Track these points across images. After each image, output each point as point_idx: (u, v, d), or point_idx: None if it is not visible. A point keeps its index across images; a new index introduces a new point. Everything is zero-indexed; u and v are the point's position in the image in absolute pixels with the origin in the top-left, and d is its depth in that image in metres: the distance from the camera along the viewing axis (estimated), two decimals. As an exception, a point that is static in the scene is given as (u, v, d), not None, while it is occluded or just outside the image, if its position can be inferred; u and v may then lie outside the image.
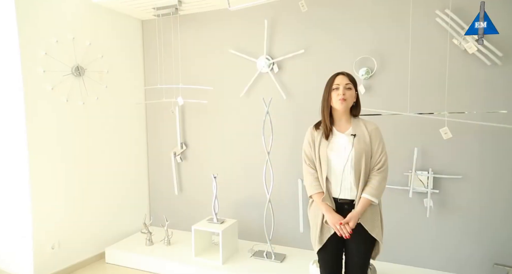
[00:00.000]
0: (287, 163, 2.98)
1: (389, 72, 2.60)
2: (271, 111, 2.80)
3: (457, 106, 2.41)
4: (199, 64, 3.28)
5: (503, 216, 2.38)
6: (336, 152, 1.76)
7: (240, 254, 2.89)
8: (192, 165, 3.40)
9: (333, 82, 1.78)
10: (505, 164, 2.35)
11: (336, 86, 1.76)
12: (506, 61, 2.29)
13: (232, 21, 3.10)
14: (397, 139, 2.57)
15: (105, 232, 3.12)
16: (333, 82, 1.78)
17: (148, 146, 3.60)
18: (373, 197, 1.71)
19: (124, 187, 3.33)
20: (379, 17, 2.60)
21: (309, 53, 2.83)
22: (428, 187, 2.50)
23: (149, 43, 3.46)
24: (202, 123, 3.32)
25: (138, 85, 3.47)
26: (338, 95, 1.74)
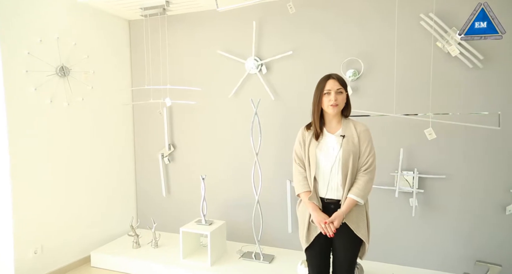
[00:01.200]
0: (276, 164, 2.98)
1: (375, 74, 2.64)
2: (260, 112, 2.80)
3: (441, 107, 2.46)
4: (187, 65, 3.26)
5: (484, 214, 2.44)
6: (324, 152, 1.78)
7: (228, 255, 2.87)
8: (180, 166, 3.37)
9: (324, 87, 1.78)
10: (487, 164, 2.41)
11: (328, 91, 1.77)
12: (487, 64, 2.35)
13: (220, 22, 3.09)
14: (384, 139, 2.61)
15: (90, 236, 3.06)
16: (324, 87, 1.78)
17: (135, 147, 3.55)
18: (358, 197, 1.73)
19: (110, 189, 3.27)
20: (366, 19, 2.64)
21: (297, 54, 2.85)
22: (413, 187, 2.55)
23: (136, 43, 3.42)
24: (190, 124, 3.30)
25: (125, 86, 3.42)
26: (330, 101, 1.75)
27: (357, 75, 2.67)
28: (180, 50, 3.27)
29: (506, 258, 2.40)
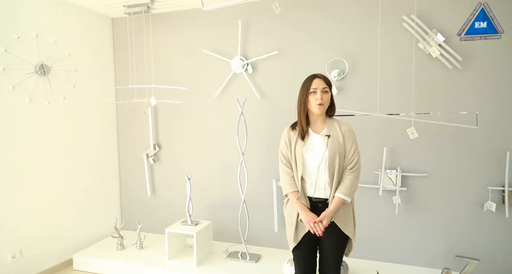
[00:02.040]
0: (262, 164, 2.99)
1: (360, 74, 2.68)
2: (246, 112, 2.80)
3: (422, 107, 2.53)
4: (173, 64, 3.22)
5: (463, 211, 2.52)
6: (311, 152, 1.80)
7: (214, 255, 2.86)
8: (166, 166, 3.33)
9: (311, 85, 1.79)
10: (465, 162, 2.49)
11: (314, 90, 1.78)
12: (465, 65, 2.43)
13: (206, 21, 3.07)
14: (368, 139, 2.66)
15: (72, 238, 2.99)
16: (311, 86, 1.79)
17: (119, 147, 3.49)
18: (345, 196, 1.75)
19: (93, 190, 3.20)
20: (350, 20, 2.68)
21: (283, 54, 2.86)
22: (396, 185, 2.60)
23: (120, 41, 3.35)
24: (175, 123, 3.26)
25: (108, 84, 3.36)
26: (316, 100, 1.76)
27: (341, 75, 2.71)
28: (165, 49, 3.23)
29: (483, 253, 2.48)
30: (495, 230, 2.46)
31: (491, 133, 2.41)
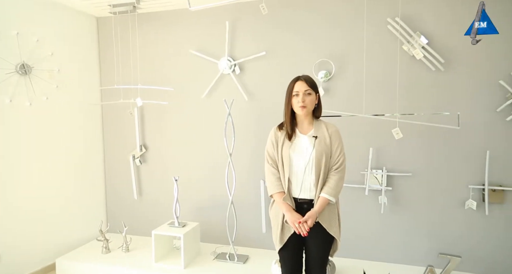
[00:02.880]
0: (250, 164, 2.99)
1: (346, 75, 2.71)
2: (233, 113, 2.80)
3: (407, 108, 2.58)
4: (159, 64, 3.19)
5: (446, 209, 2.58)
6: (298, 153, 1.81)
7: (202, 257, 2.84)
8: (152, 168, 3.29)
9: (293, 88, 1.81)
10: (448, 162, 2.55)
11: (296, 93, 1.80)
12: (448, 67, 2.49)
13: (193, 22, 3.05)
14: (354, 139, 2.69)
15: (55, 242, 2.91)
16: (293, 89, 1.81)
17: (104, 149, 3.43)
18: (330, 196, 1.77)
19: (77, 193, 3.14)
20: (337, 22, 2.71)
21: (270, 55, 2.87)
22: (382, 185, 2.64)
23: (105, 41, 3.30)
24: (162, 124, 3.23)
25: (93, 85, 3.29)
26: (298, 103, 1.78)
27: (328, 76, 2.73)
28: (152, 49, 3.19)
29: (465, 250, 2.55)
30: (475, 228, 2.53)
31: (471, 133, 2.48)
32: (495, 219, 2.48)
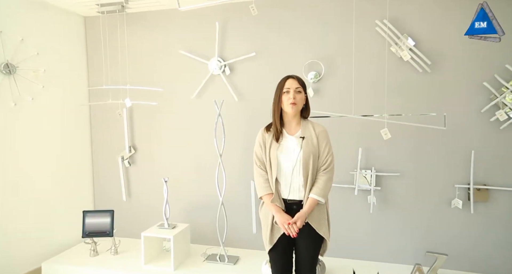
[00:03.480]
0: (240, 165, 2.99)
1: (335, 76, 2.74)
2: (223, 113, 2.79)
3: (395, 109, 2.61)
4: (148, 64, 3.16)
5: (433, 208, 2.63)
6: (285, 154, 1.81)
7: (192, 259, 2.83)
8: (142, 169, 3.26)
9: (284, 85, 1.82)
10: (435, 162, 2.60)
11: (287, 89, 1.81)
12: (434, 69, 2.54)
13: (182, 22, 3.04)
14: (343, 139, 2.72)
15: (41, 245, 2.85)
16: (284, 86, 1.82)
17: (92, 150, 3.38)
18: (319, 196, 1.78)
19: (64, 195, 3.08)
20: (326, 24, 2.73)
21: (260, 56, 2.87)
22: (371, 184, 2.67)
23: (93, 41, 3.25)
24: (152, 125, 3.20)
25: (80, 85, 3.24)
26: (289, 99, 1.78)
27: (318, 77, 2.75)
28: (141, 49, 3.16)
29: (451, 248, 2.60)
30: (461, 226, 2.58)
31: (457, 133, 2.53)
32: (480, 218, 2.54)
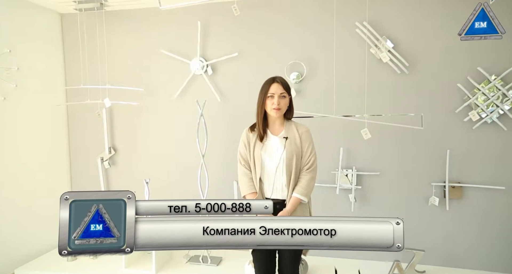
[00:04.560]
0: (223, 166, 2.97)
1: (317, 77, 2.77)
2: (205, 114, 2.77)
3: (375, 109, 2.67)
4: (129, 64, 3.10)
5: (411, 206, 2.70)
6: (269, 153, 1.82)
7: (174, 261, 2.79)
8: (122, 170, 3.19)
9: (268, 90, 1.81)
10: (412, 161, 2.67)
11: (271, 94, 1.81)
12: (412, 70, 2.61)
13: (164, 21, 3.00)
14: (325, 139, 2.75)
15: (14, 250, 2.74)
16: (268, 90, 1.81)
17: (70, 151, 3.28)
18: (302, 196, 1.80)
19: (40, 197, 2.97)
20: (308, 25, 2.76)
21: (243, 56, 2.87)
22: (352, 184, 2.72)
23: (70, 39, 3.15)
24: (132, 126, 3.14)
25: (57, 84, 3.14)
26: (273, 104, 1.79)
27: (300, 78, 2.78)
28: (121, 48, 3.10)
29: (428, 244, 2.68)
30: (438, 223, 2.67)
31: (433, 133, 2.62)
32: (455, 214, 2.63)
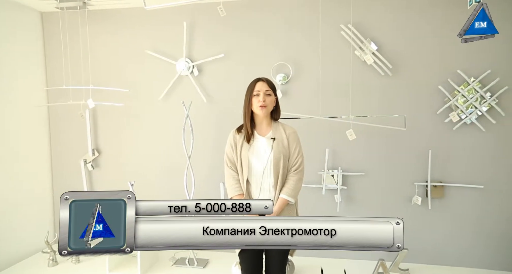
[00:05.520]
0: (209, 167, 2.96)
1: (303, 78, 2.80)
2: (192, 115, 2.75)
3: (360, 110, 2.71)
4: (113, 64, 3.04)
5: (395, 205, 2.75)
6: (256, 155, 1.82)
7: (160, 263, 2.75)
8: (106, 172, 3.13)
9: (254, 88, 1.83)
10: (396, 161, 2.73)
11: (257, 92, 1.82)
12: (395, 73, 2.67)
13: (149, 21, 2.96)
14: (311, 140, 2.78)
15: (-5, 257, 2.65)
16: (254, 89, 1.83)
17: (51, 154, 3.19)
18: (289, 197, 1.80)
19: (20, 201, 2.88)
20: (294, 26, 2.78)
21: (229, 57, 2.87)
22: (338, 184, 2.75)
23: (52, 38, 3.08)
24: (117, 127, 3.08)
25: (37, 85, 3.05)
26: (259, 102, 1.80)
27: (286, 79, 2.80)
28: (105, 48, 3.04)
29: (412, 242, 2.73)
30: (420, 221, 2.73)
31: (416, 134, 2.68)
32: (437, 213, 2.70)
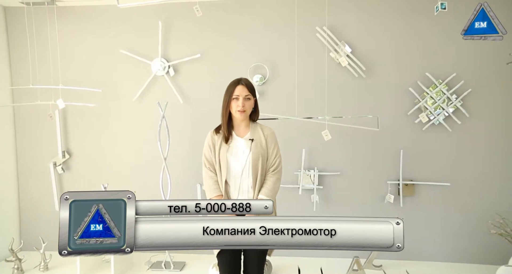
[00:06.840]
0: (186, 168, 2.91)
1: (279, 79, 2.82)
2: (167, 116, 2.70)
3: (335, 111, 2.77)
4: (84, 63, 2.94)
5: (369, 204, 2.83)
6: (235, 156, 1.82)
7: (136, 268, 2.69)
8: (77, 175, 3.01)
9: (233, 92, 1.81)
10: (370, 160, 2.81)
11: (236, 96, 1.81)
12: (368, 74, 2.75)
13: (123, 20, 2.89)
14: (288, 141, 2.80)
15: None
16: (233, 92, 1.81)
17: (17, 156, 3.03)
18: (268, 197, 1.81)
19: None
20: (270, 28, 2.80)
21: (205, 57, 2.84)
22: (314, 184, 2.80)
23: (17, 35, 2.93)
24: (89, 128, 2.98)
25: (1, 84, 2.89)
26: (238, 107, 1.79)
27: (263, 80, 2.81)
28: (75, 46, 2.93)
29: (387, 240, 2.83)
30: (394, 219, 2.83)
31: (388, 134, 2.77)
32: (408, 210, 2.80)
